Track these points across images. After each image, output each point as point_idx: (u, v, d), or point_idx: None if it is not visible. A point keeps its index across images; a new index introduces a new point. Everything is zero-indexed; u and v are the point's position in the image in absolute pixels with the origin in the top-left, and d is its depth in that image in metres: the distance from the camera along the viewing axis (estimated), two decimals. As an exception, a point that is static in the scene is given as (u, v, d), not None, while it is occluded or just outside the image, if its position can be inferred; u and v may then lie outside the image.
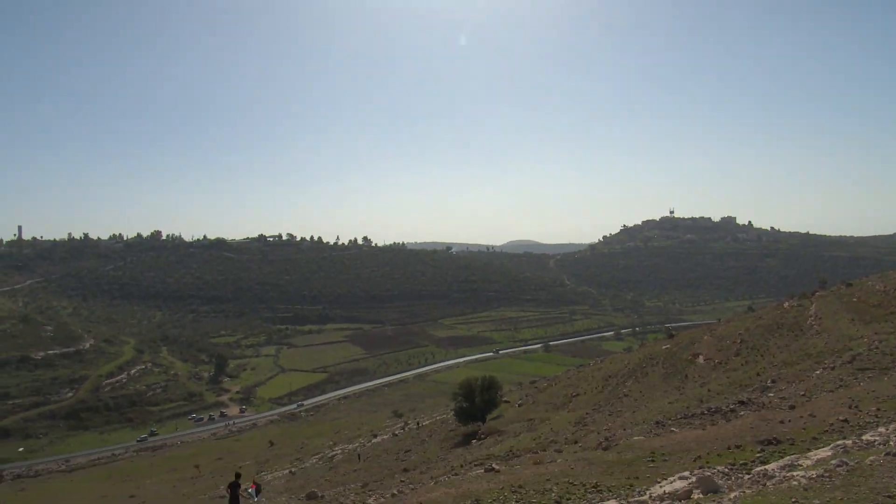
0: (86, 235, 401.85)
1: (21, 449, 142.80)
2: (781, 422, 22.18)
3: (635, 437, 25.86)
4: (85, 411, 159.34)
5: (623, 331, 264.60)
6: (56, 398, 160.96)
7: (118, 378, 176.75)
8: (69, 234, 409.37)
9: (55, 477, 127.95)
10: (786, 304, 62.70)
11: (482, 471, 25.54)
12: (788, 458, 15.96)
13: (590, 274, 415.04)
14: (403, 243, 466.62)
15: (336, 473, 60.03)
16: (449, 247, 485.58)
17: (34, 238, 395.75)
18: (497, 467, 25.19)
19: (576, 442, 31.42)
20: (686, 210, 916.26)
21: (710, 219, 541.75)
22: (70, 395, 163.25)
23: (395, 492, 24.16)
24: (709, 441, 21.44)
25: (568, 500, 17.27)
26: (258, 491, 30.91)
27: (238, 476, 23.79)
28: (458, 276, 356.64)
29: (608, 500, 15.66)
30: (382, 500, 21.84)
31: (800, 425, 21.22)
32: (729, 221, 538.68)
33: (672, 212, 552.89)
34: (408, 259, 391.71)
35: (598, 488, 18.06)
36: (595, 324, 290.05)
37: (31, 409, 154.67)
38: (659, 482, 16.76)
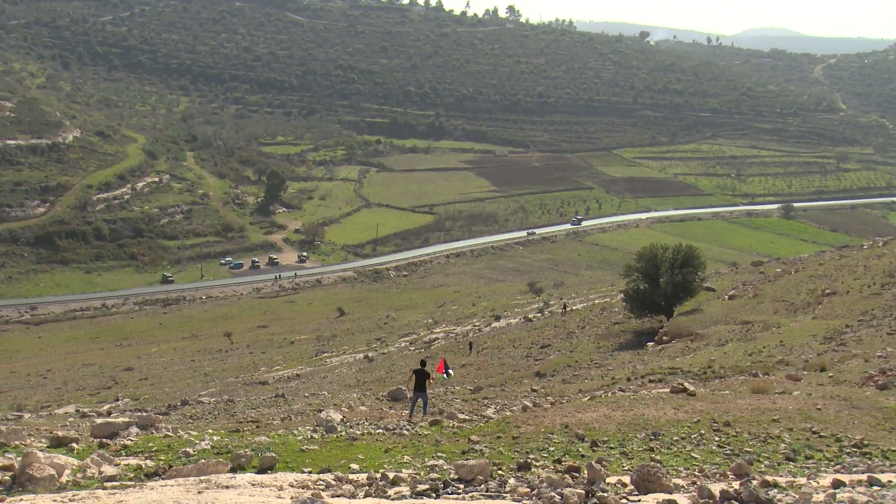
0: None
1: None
2: None
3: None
4: (64, 237, 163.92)
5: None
6: (19, 212, 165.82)
7: (117, 192, 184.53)
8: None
9: (12, 329, 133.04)
10: None
11: (666, 390, 25.35)
12: None
13: (884, 94, 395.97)
14: (571, 21, 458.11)
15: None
16: (645, 32, 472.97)
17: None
18: (690, 388, 24.92)
19: (823, 369, 30.97)
20: None
21: None
22: (42, 210, 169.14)
23: (529, 404, 24.38)
24: None
25: (808, 458, 16.94)
26: (446, 369, 35.88)
27: (423, 364, 27.61)
28: (654, 82, 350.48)
29: (882, 470, 14.93)
30: (508, 413, 22.10)
31: None
32: None
33: None
34: (575, 48, 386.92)
35: (863, 448, 17.58)
36: (881, 180, 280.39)
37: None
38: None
